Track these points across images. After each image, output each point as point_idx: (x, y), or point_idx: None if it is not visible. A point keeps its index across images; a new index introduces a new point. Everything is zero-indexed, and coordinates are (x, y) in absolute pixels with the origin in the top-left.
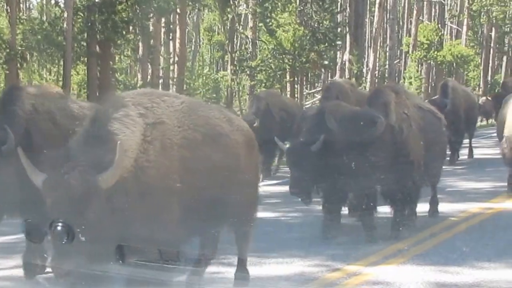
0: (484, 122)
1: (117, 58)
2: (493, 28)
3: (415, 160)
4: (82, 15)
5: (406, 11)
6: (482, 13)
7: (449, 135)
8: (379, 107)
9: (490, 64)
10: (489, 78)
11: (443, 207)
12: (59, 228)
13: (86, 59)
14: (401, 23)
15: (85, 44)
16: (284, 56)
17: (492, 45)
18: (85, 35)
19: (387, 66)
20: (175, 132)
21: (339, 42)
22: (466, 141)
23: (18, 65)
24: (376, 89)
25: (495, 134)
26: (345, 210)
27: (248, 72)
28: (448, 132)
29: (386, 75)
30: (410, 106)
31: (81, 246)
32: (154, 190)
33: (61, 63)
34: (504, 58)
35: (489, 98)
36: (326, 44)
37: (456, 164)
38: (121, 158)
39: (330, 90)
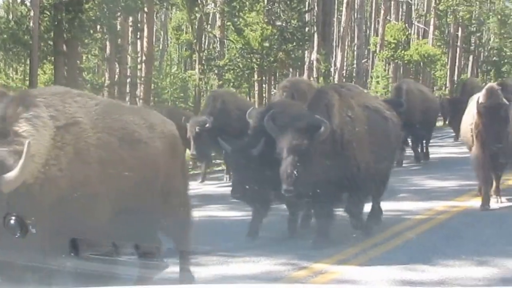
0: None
1: (84, 57)
2: (460, 28)
3: (359, 164)
4: (48, 13)
5: (373, 11)
6: (449, 13)
7: (405, 136)
8: (321, 110)
9: (457, 64)
10: (455, 78)
11: (409, 205)
12: None
13: (53, 58)
14: (368, 22)
15: (51, 43)
16: (252, 55)
17: (458, 44)
18: (52, 34)
19: (355, 65)
20: (90, 134)
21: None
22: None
23: None
24: (318, 90)
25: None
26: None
27: (216, 71)
28: (404, 133)
29: (354, 74)
30: (355, 107)
31: None
32: (68, 200)
33: (28, 62)
34: (470, 57)
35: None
36: (294, 43)
37: (421, 163)
38: (27, 162)
39: (286, 89)
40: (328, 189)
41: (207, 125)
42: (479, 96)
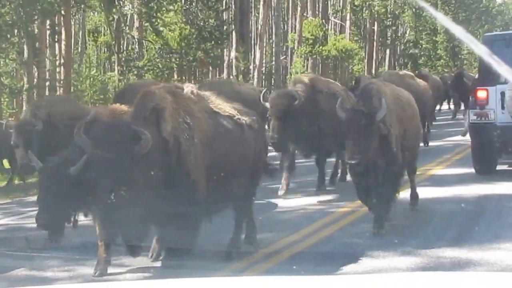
0: None
1: (1, 62)
2: (376, 22)
3: (197, 182)
4: None
5: (290, 8)
6: (364, 8)
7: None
8: (148, 115)
9: (374, 57)
10: (373, 71)
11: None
12: None
13: None
14: (286, 19)
15: None
16: (171, 55)
17: (375, 38)
18: None
19: (273, 63)
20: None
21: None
22: None
23: None
24: (145, 91)
25: None
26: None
27: (135, 72)
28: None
29: (273, 71)
30: (196, 112)
31: None
32: None
33: None
34: (387, 51)
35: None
36: (213, 42)
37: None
38: None
39: (123, 93)
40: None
41: (37, 127)
42: None
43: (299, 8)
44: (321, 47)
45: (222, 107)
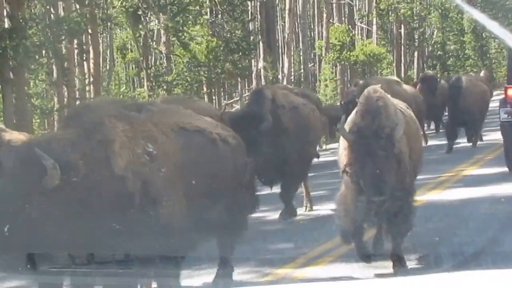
0: None
1: (31, 83)
2: (402, 25)
3: (171, 215)
4: None
5: (316, 15)
6: (390, 12)
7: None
8: (95, 149)
9: (403, 61)
10: (402, 75)
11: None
12: None
13: (0, 86)
14: (312, 26)
15: None
16: (199, 68)
17: (402, 41)
18: None
19: (302, 71)
20: None
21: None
22: None
23: None
24: (92, 122)
25: None
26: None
27: (165, 87)
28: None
29: (302, 79)
30: (159, 136)
31: None
32: None
33: None
34: (416, 53)
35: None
36: (240, 53)
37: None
38: None
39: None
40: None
41: None
42: None
43: (324, 15)
44: (348, 53)
45: (189, 122)
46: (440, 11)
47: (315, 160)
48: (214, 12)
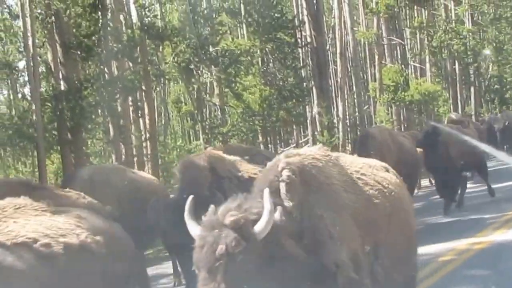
0: None
1: (89, 142)
2: (456, 61)
3: None
4: (50, 104)
5: (367, 56)
6: (443, 48)
7: None
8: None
9: (459, 97)
10: (459, 111)
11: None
12: None
13: (59, 147)
14: (364, 68)
15: (56, 133)
16: (254, 117)
17: (457, 78)
18: (55, 124)
19: (357, 113)
20: None
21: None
22: None
23: None
24: None
25: None
26: None
27: (220, 139)
28: None
29: (358, 122)
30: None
31: None
32: None
33: (35, 154)
34: (472, 89)
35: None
36: (294, 100)
37: None
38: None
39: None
40: None
41: None
42: None
43: (376, 56)
44: (403, 93)
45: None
46: (494, 44)
47: None
48: (265, 61)
